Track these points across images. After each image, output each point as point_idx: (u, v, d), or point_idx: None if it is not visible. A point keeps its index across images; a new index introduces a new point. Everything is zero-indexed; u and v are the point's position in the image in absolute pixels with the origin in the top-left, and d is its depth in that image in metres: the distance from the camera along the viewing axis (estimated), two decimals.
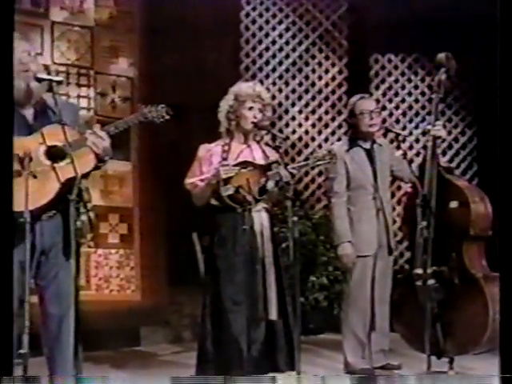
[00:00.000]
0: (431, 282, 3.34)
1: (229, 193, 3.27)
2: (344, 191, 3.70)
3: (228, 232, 3.30)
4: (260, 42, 5.68)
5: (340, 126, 5.73)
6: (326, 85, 5.74)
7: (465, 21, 5.15)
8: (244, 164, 3.33)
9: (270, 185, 3.28)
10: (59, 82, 2.68)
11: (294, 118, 5.72)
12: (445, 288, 3.52)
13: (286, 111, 5.70)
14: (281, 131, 5.51)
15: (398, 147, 4.23)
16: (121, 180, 5.09)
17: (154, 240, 5.09)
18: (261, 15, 5.69)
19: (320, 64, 5.74)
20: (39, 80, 2.65)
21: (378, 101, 5.49)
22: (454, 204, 3.66)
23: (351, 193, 3.70)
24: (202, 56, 5.27)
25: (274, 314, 3.25)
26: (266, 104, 3.40)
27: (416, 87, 5.81)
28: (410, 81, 5.81)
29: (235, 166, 3.31)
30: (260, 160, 3.39)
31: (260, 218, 3.35)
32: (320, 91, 5.73)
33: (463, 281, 3.58)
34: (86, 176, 2.68)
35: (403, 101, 5.81)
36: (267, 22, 5.70)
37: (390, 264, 3.78)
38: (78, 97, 4.89)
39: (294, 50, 5.69)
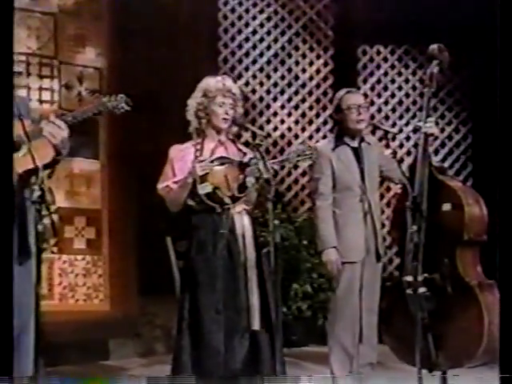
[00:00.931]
0: (422, 290, 3.33)
1: (207, 191, 3.25)
2: (329, 193, 3.69)
3: (207, 235, 3.28)
4: (239, 31, 5.67)
5: (325, 123, 5.74)
6: (311, 78, 5.75)
7: (459, 9, 5.18)
8: (221, 160, 3.32)
9: (250, 181, 3.26)
10: (18, 73, 2.63)
11: (275, 114, 5.72)
12: (437, 297, 3.51)
13: (268, 106, 5.70)
14: (261, 128, 5.51)
15: (388, 146, 4.24)
16: (88, 180, 5.04)
17: (124, 245, 5.05)
18: (240, 3, 5.68)
19: (304, 56, 5.74)
20: None
21: (365, 95, 5.50)
22: (446, 207, 3.67)
23: (337, 194, 3.70)
24: (177, 46, 5.24)
25: (256, 324, 3.23)
26: (238, 99, 3.39)
27: (407, 81, 5.84)
28: (400, 74, 5.84)
29: (212, 161, 3.29)
30: (236, 157, 3.37)
31: (241, 220, 3.33)
32: (304, 85, 5.74)
33: (457, 289, 3.59)
34: (49, 176, 2.63)
35: (393, 95, 5.83)
36: (247, 10, 5.69)
37: (379, 271, 3.78)
38: (40, 89, 4.82)
39: (275, 40, 5.69)
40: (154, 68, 5.16)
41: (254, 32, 5.68)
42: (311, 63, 5.75)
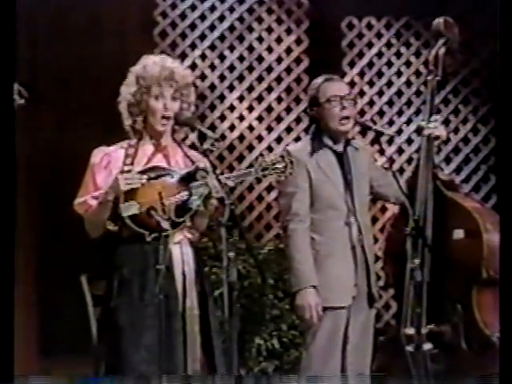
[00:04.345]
0: (427, 346, 3.38)
1: (132, 212, 3.25)
2: (306, 213, 3.72)
3: (133, 273, 3.28)
4: None
5: (299, 120, 5.79)
6: (279, 60, 5.80)
7: None
8: (155, 171, 3.32)
9: (194, 202, 3.27)
10: None
11: (232, 108, 5.75)
12: (447, 355, 3.57)
13: (222, 98, 5.73)
14: (213, 127, 5.53)
15: (382, 152, 4.30)
16: None
17: (20, 288, 5.00)
18: None
19: (270, 30, 5.80)
20: None
21: (352, 84, 5.58)
22: (458, 234, 3.74)
23: (316, 215, 3.73)
24: (100, 14, 5.24)
25: None
26: (183, 86, 3.38)
27: (408, 64, 5.92)
28: (398, 55, 5.92)
29: (141, 172, 3.29)
30: (180, 168, 3.39)
31: (180, 252, 3.34)
32: (270, 69, 5.79)
33: (473, 345, 3.65)
34: None
35: (390, 84, 5.91)
36: None
37: (371, 321, 3.82)
38: None
39: (231, 10, 5.74)
40: (67, 43, 5.15)
41: None
42: (280, 40, 5.81)
